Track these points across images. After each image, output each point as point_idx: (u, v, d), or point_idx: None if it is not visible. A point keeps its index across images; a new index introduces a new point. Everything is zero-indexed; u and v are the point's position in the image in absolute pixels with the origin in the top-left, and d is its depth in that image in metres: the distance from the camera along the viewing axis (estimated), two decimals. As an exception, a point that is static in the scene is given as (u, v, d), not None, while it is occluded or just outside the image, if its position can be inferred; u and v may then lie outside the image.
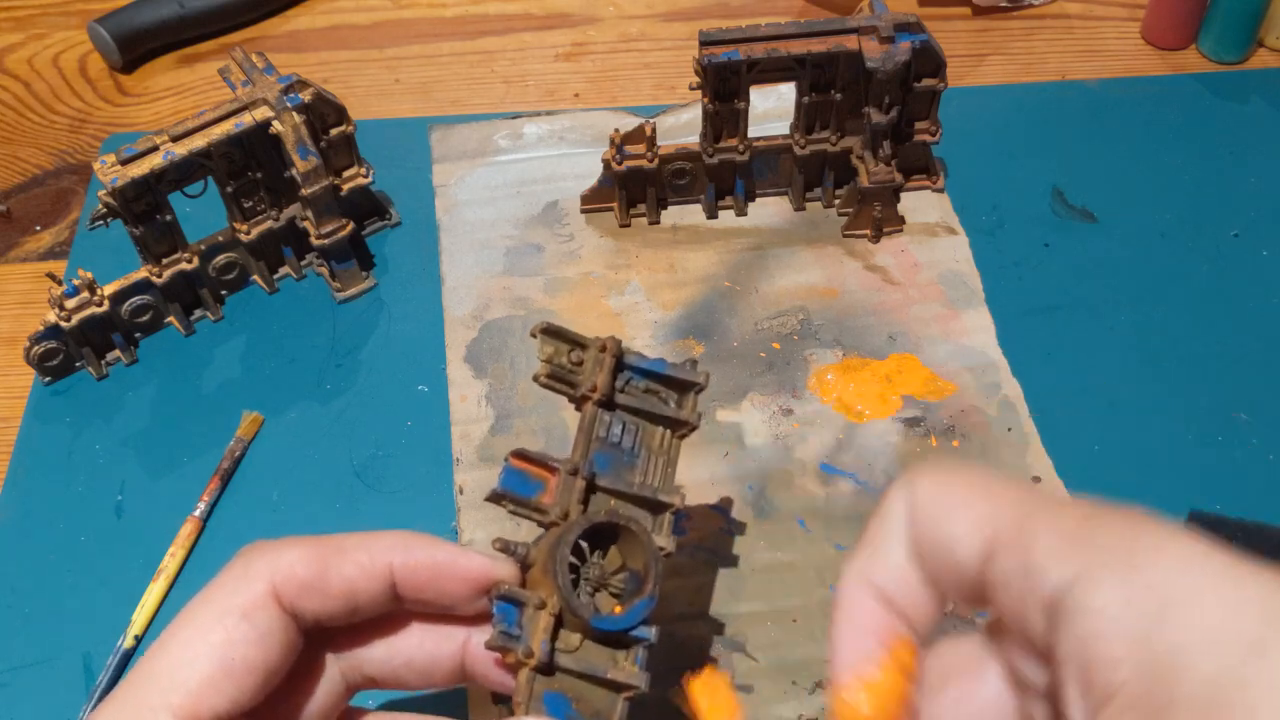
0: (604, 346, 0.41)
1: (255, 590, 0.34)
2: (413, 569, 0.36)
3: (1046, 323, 0.61)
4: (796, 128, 0.64)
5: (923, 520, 0.29)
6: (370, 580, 0.35)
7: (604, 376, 0.40)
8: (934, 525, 0.29)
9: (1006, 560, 0.27)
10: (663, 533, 0.39)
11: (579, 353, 0.41)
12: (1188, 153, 0.69)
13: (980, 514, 0.28)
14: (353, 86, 0.76)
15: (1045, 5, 0.79)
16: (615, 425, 0.40)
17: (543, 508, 0.38)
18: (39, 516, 0.55)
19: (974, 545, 0.28)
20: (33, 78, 0.77)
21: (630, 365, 0.41)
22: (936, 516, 0.29)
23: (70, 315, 0.58)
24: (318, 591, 0.34)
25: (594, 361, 0.41)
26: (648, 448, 0.41)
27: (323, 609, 0.35)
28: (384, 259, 0.65)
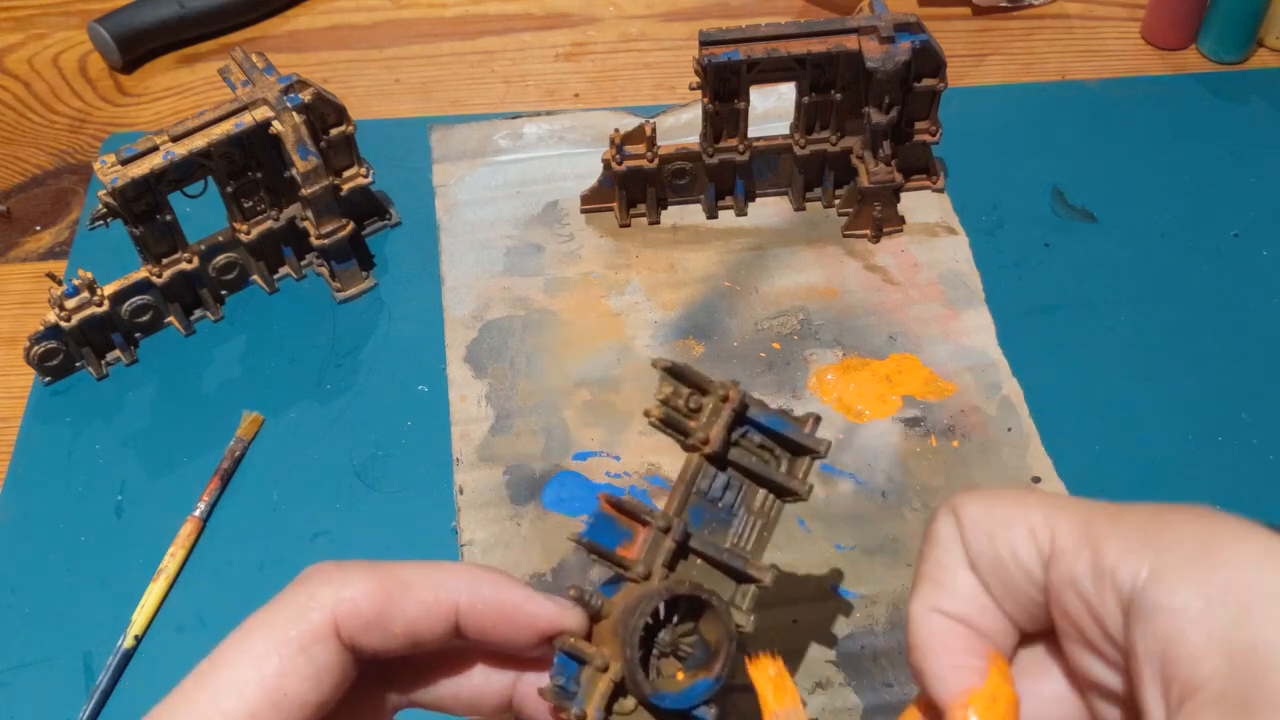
0: (726, 396, 0.37)
1: (315, 621, 0.32)
2: (479, 611, 0.33)
3: (1046, 323, 0.61)
4: (796, 128, 0.64)
5: (978, 538, 0.29)
6: (434, 620, 0.33)
7: (719, 430, 0.37)
8: (990, 541, 0.29)
9: (1072, 563, 0.27)
10: (744, 606, 0.37)
11: (698, 398, 0.38)
12: (1188, 153, 0.69)
13: (1037, 521, 0.28)
14: (353, 86, 0.76)
15: (1045, 5, 0.79)
16: (719, 480, 0.38)
17: (626, 563, 0.36)
18: (39, 516, 0.55)
19: (1034, 553, 0.28)
20: (33, 78, 0.77)
21: (750, 419, 0.38)
22: (992, 532, 0.29)
23: (70, 315, 0.58)
24: (379, 629, 0.32)
25: (712, 410, 0.37)
26: (747, 507, 0.38)
27: (382, 645, 0.33)
28: (384, 259, 0.65)
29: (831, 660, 0.48)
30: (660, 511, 0.36)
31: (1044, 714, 0.30)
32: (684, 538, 0.36)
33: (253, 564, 0.53)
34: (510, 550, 0.52)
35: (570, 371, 0.59)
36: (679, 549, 0.36)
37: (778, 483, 0.38)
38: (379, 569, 0.33)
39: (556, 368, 0.59)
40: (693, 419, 0.37)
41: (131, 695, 0.49)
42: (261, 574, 0.53)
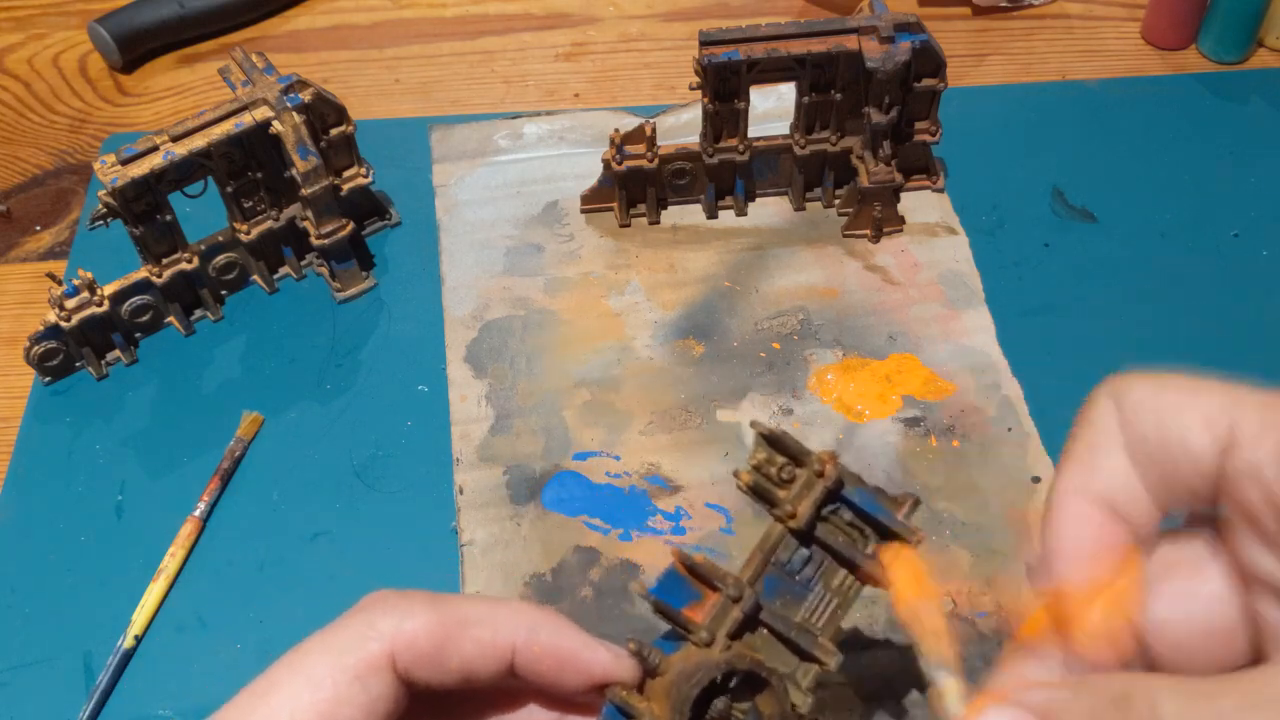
0: (822, 471, 0.36)
1: (373, 651, 0.32)
2: (535, 654, 0.33)
3: (1046, 323, 0.61)
4: (796, 128, 0.64)
5: (1143, 422, 0.29)
6: (490, 659, 0.33)
7: (809, 506, 0.36)
8: (1160, 425, 0.28)
9: (1254, 450, 0.26)
10: (803, 685, 0.36)
11: (792, 469, 0.37)
12: (1188, 153, 0.69)
13: (1214, 407, 0.28)
14: (353, 86, 0.76)
15: (1045, 5, 0.79)
16: (800, 554, 0.37)
17: (692, 626, 0.35)
18: (39, 516, 0.55)
19: (1209, 440, 0.27)
20: (33, 78, 0.77)
21: (844, 496, 0.37)
22: (1161, 416, 0.28)
23: (70, 315, 0.58)
24: (436, 664, 0.32)
25: (805, 482, 0.36)
26: (825, 583, 0.37)
27: (436, 680, 0.33)
28: (384, 259, 0.65)
29: (831, 660, 0.48)
30: (734, 578, 0.35)
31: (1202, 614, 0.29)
32: (754, 609, 0.35)
33: (253, 564, 0.53)
34: (510, 550, 0.52)
35: (570, 371, 0.59)
36: (747, 620, 0.35)
37: (860, 567, 0.36)
38: (440, 602, 0.33)
39: (556, 368, 0.59)
40: (783, 489, 0.37)
41: (131, 695, 0.49)
42: (261, 574, 0.53)
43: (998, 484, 0.54)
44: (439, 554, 0.53)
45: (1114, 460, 0.29)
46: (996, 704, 0.28)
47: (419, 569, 0.52)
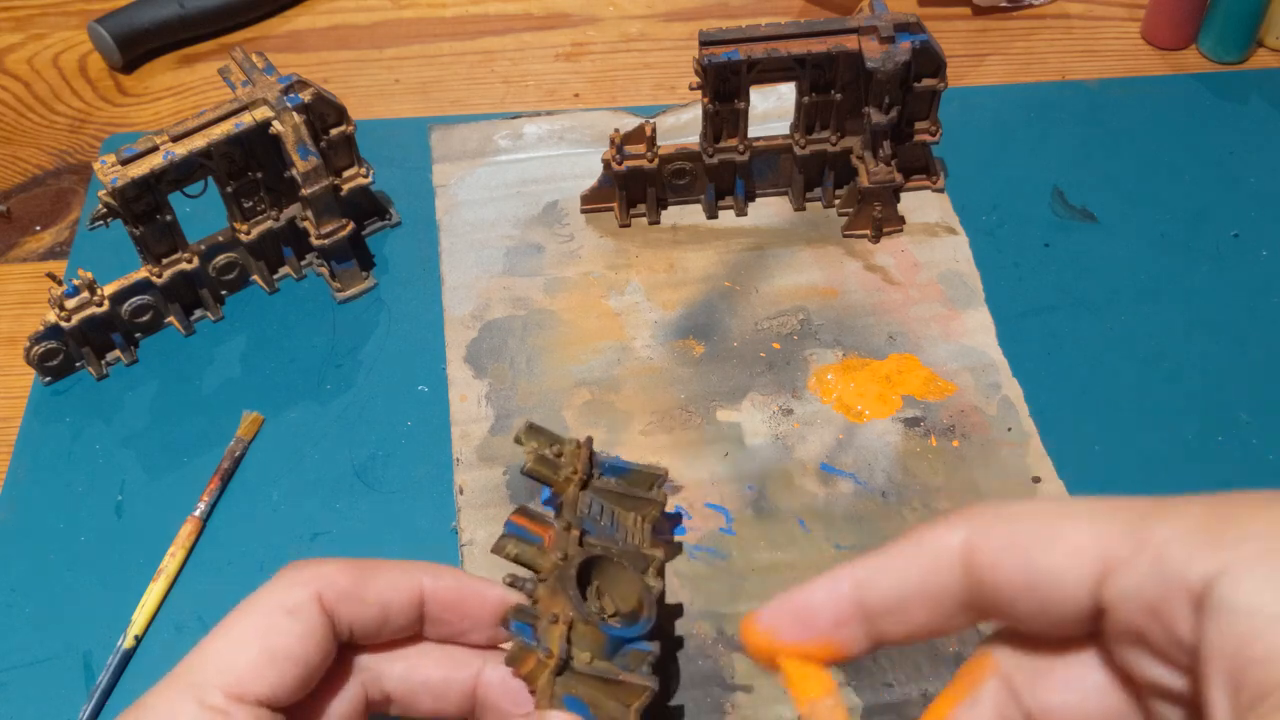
0: (579, 443, 0.47)
1: (300, 594, 0.37)
2: (442, 592, 0.39)
3: (1046, 323, 0.61)
4: (796, 128, 0.64)
5: (1004, 564, 0.28)
6: (401, 595, 0.38)
7: (582, 462, 0.46)
8: (1025, 565, 0.28)
9: (1131, 573, 0.26)
10: (649, 578, 0.43)
11: (559, 447, 0.46)
12: (1188, 153, 0.69)
13: (1082, 539, 0.27)
14: (353, 86, 0.76)
15: (1045, 5, 0.79)
16: (595, 505, 0.45)
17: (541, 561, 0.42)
18: (39, 516, 0.55)
19: (1082, 575, 0.27)
20: (33, 78, 0.77)
21: (602, 462, 0.47)
22: (1027, 555, 0.28)
23: (70, 315, 0.58)
24: (356, 599, 0.38)
25: (571, 454, 0.46)
26: (621, 524, 0.46)
27: (358, 617, 0.38)
28: (384, 259, 0.65)
29: (831, 660, 0.48)
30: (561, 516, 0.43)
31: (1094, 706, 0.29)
32: (584, 533, 0.42)
33: (253, 564, 0.53)
34: (510, 550, 0.52)
35: (570, 371, 0.59)
36: (581, 540, 0.42)
37: (639, 497, 0.46)
38: (353, 559, 0.39)
39: (556, 368, 0.59)
40: (559, 464, 0.46)
41: (131, 695, 0.49)
42: (261, 574, 0.53)
43: (998, 484, 0.54)
44: (439, 554, 0.53)
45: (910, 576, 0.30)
46: None
47: (419, 569, 0.52)
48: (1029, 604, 0.28)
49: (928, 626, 0.30)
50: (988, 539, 0.29)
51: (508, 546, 0.42)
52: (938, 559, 0.30)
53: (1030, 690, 0.30)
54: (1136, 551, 0.26)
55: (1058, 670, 0.30)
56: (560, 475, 0.46)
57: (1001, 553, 0.29)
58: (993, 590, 0.29)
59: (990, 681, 0.30)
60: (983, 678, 0.31)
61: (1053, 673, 0.30)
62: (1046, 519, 0.28)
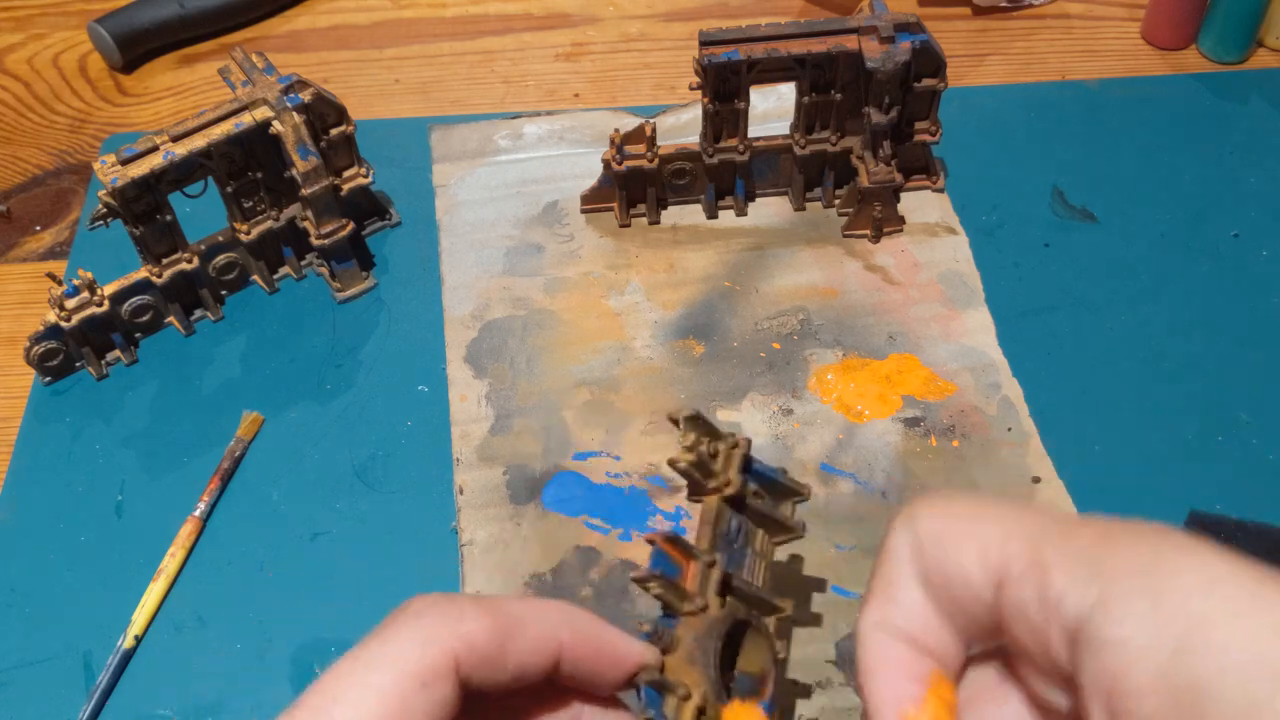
0: (736, 443, 0.42)
1: (437, 658, 0.31)
2: (579, 649, 0.34)
3: (1046, 323, 0.61)
4: (796, 128, 0.64)
5: (929, 555, 0.29)
6: (541, 658, 0.34)
7: (735, 474, 0.41)
8: (942, 559, 0.28)
9: (1020, 589, 0.27)
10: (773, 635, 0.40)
11: (715, 444, 0.41)
12: (1188, 153, 0.69)
13: (988, 543, 0.28)
14: (353, 86, 0.76)
15: (1045, 5, 0.79)
16: (734, 522, 0.41)
17: (687, 595, 0.38)
18: (39, 516, 0.55)
19: (985, 575, 0.27)
20: (33, 78, 0.77)
21: (753, 466, 0.42)
22: (944, 550, 0.28)
23: (70, 315, 0.58)
24: (495, 666, 0.33)
25: (725, 457, 0.41)
26: (752, 548, 0.42)
27: (491, 681, 0.33)
28: (384, 259, 0.65)
29: (831, 660, 0.48)
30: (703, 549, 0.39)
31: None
32: (727, 575, 0.39)
33: (253, 564, 0.53)
34: (510, 550, 0.52)
35: (570, 371, 0.59)
36: (724, 582, 0.39)
37: (780, 521, 0.42)
38: (490, 605, 0.33)
39: (556, 368, 0.59)
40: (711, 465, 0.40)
41: (131, 695, 0.49)
42: (261, 574, 0.53)
43: (998, 484, 0.54)
44: (439, 554, 0.53)
45: (909, 594, 0.29)
46: None
47: (419, 569, 0.52)
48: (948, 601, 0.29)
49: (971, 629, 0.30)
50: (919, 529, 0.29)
51: (652, 586, 0.37)
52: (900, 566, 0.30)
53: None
54: (1027, 569, 0.27)
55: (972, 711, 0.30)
56: (711, 482, 0.41)
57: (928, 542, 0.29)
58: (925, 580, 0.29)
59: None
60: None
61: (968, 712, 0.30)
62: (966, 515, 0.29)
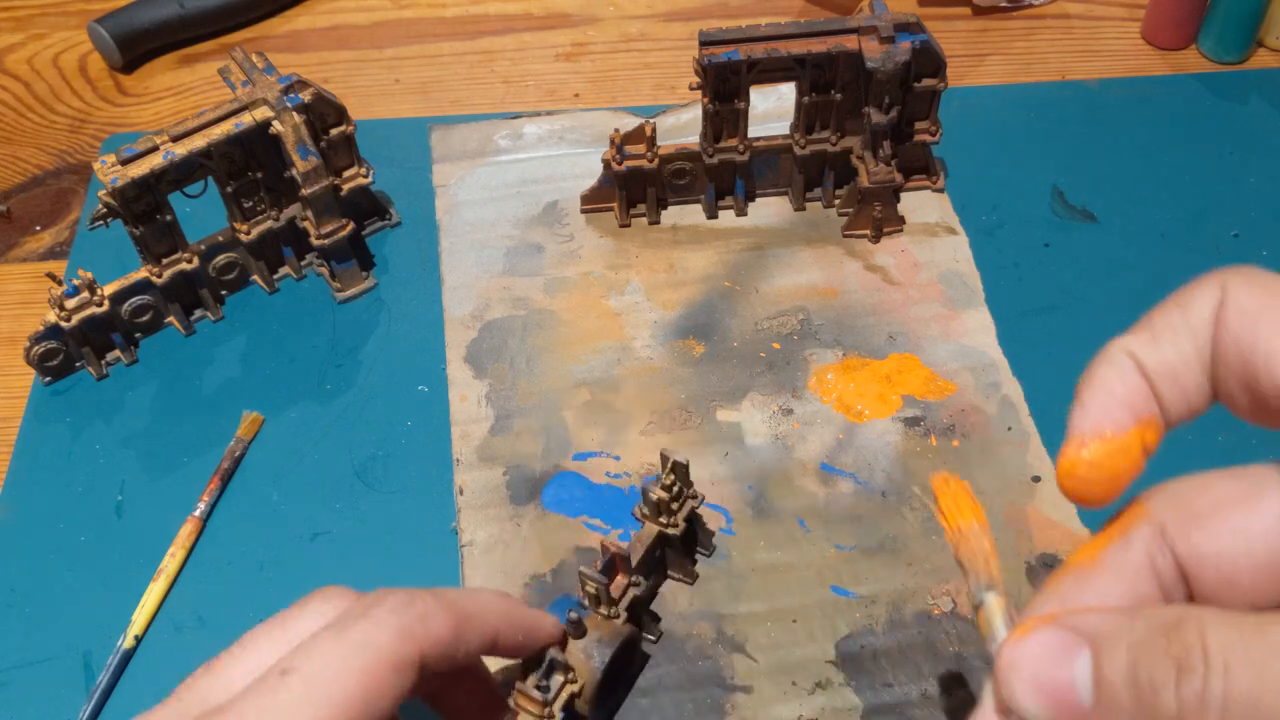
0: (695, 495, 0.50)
1: (409, 650, 0.35)
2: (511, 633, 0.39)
3: (1046, 323, 0.61)
4: (796, 128, 0.64)
5: (1233, 327, 0.28)
6: (483, 642, 0.38)
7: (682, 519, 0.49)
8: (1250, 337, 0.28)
9: None
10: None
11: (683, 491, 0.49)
12: (1188, 153, 0.69)
13: None
14: (353, 86, 0.76)
15: (1045, 5, 0.79)
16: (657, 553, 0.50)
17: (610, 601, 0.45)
18: (39, 516, 0.55)
19: None
20: (33, 78, 0.77)
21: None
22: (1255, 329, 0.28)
23: (70, 315, 0.58)
24: (449, 655, 0.36)
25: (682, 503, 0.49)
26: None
27: (443, 668, 0.36)
28: (384, 259, 0.65)
29: (831, 660, 0.48)
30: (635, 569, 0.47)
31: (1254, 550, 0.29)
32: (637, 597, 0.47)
33: (253, 564, 0.53)
34: (510, 550, 0.52)
35: (570, 371, 0.59)
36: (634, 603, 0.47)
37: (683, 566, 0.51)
38: (450, 606, 0.37)
39: (556, 368, 0.59)
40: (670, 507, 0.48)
41: (131, 695, 0.49)
42: (261, 574, 0.53)
43: (998, 484, 0.54)
44: (439, 554, 0.53)
45: (1182, 345, 0.30)
46: (1046, 626, 0.28)
47: (419, 569, 0.52)
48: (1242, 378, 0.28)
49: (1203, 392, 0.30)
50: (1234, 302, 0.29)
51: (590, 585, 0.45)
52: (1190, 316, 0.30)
53: (1185, 538, 0.29)
54: None
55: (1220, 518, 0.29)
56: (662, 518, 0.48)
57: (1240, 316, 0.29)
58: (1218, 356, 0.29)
59: (1142, 527, 0.30)
60: (1134, 524, 0.30)
61: (1214, 521, 0.29)
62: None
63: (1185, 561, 0.30)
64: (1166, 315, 0.30)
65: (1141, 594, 0.29)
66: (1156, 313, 0.31)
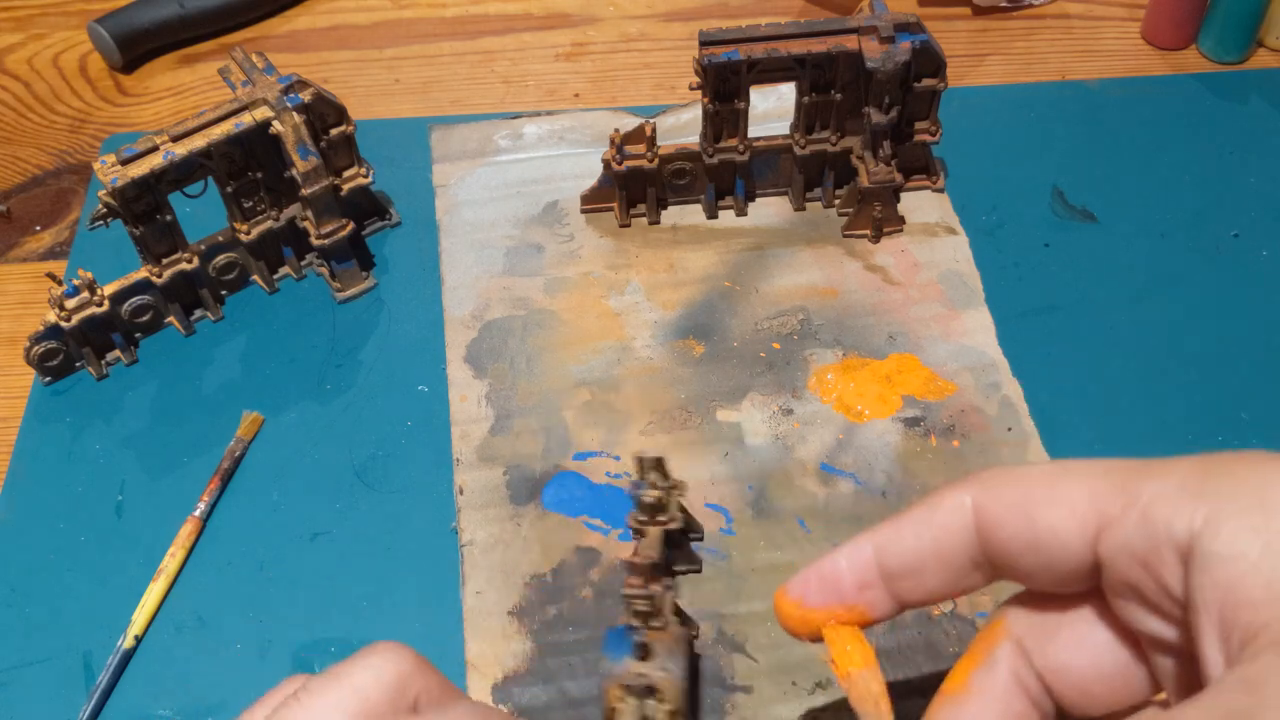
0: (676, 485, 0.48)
1: None
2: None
3: (1046, 323, 0.61)
4: (796, 128, 0.64)
5: (1008, 523, 0.30)
6: None
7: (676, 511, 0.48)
8: (1027, 524, 0.29)
9: (1121, 530, 0.27)
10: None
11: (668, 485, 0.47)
12: (1188, 153, 0.69)
13: (1076, 499, 0.29)
14: (353, 86, 0.76)
15: (1045, 5, 0.79)
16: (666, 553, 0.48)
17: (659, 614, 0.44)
18: (39, 516, 0.55)
19: (1079, 531, 0.28)
20: (33, 78, 0.77)
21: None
22: (1028, 515, 0.29)
23: (70, 315, 0.58)
24: None
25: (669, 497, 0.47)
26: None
27: None
28: (384, 259, 0.65)
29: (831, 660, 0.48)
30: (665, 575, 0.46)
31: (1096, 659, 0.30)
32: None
33: (253, 564, 0.53)
34: (510, 550, 0.52)
35: (570, 371, 0.59)
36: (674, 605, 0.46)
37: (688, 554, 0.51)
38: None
39: (556, 368, 0.59)
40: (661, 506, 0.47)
41: (131, 695, 0.49)
42: (261, 574, 0.53)
43: (998, 484, 0.54)
44: (439, 554, 0.53)
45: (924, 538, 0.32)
46: None
47: (419, 569, 0.52)
48: (1033, 561, 0.30)
49: (945, 587, 0.32)
50: (994, 500, 0.30)
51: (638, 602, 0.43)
52: (949, 521, 0.31)
53: (1041, 651, 0.31)
54: (1126, 508, 0.28)
55: (1065, 631, 0.31)
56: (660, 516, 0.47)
57: (1006, 512, 0.30)
58: (1000, 549, 0.30)
59: (1004, 645, 0.32)
60: (996, 642, 0.32)
61: (1061, 634, 0.31)
62: (1046, 479, 0.30)
63: (1044, 675, 0.31)
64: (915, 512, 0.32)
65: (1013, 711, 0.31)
66: (905, 512, 0.33)
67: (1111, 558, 0.28)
